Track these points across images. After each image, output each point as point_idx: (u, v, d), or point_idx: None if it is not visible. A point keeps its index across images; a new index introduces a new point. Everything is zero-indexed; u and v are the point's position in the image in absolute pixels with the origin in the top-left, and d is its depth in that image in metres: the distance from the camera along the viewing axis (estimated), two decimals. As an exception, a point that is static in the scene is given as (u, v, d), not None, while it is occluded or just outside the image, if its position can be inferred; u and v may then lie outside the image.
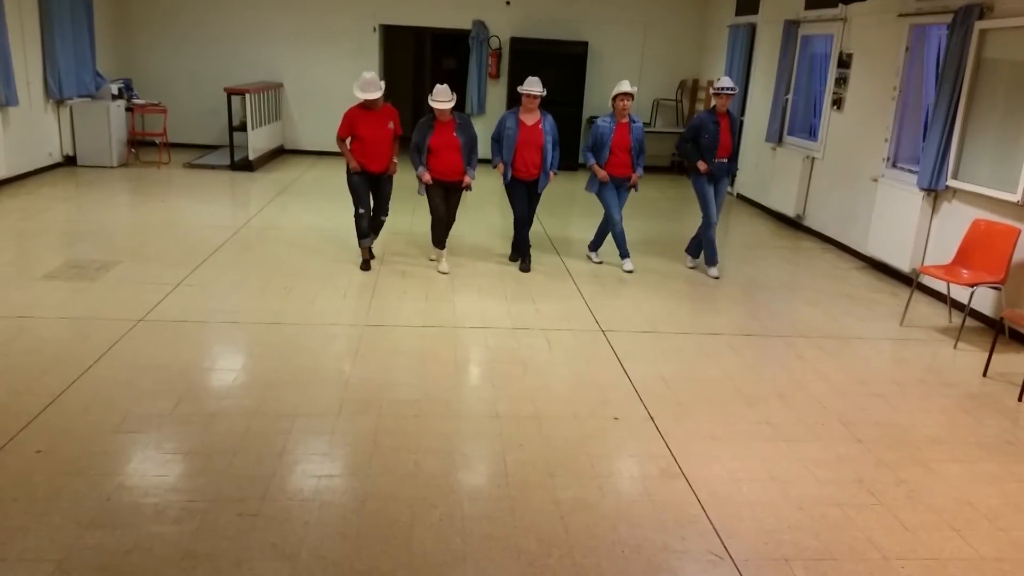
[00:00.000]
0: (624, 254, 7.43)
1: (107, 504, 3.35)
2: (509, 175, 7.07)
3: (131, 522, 3.23)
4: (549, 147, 7.04)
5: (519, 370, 5.02)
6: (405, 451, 3.92)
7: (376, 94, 6.60)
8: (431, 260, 7.29)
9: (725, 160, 7.27)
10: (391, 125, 6.83)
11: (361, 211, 6.92)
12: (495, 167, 7.11)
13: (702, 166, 7.19)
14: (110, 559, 3.01)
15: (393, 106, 7.05)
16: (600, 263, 7.52)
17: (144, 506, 3.35)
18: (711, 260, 7.42)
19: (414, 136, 6.87)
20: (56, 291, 5.96)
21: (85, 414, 4.11)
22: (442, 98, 6.66)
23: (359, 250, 7.08)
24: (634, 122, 7.20)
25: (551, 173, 7.13)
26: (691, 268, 7.56)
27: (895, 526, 3.53)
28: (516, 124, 6.97)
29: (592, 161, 7.19)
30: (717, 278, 7.32)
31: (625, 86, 7.05)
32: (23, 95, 9.59)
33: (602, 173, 7.15)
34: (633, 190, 7.43)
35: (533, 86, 6.94)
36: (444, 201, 6.99)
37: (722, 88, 7.12)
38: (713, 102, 7.26)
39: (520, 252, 7.35)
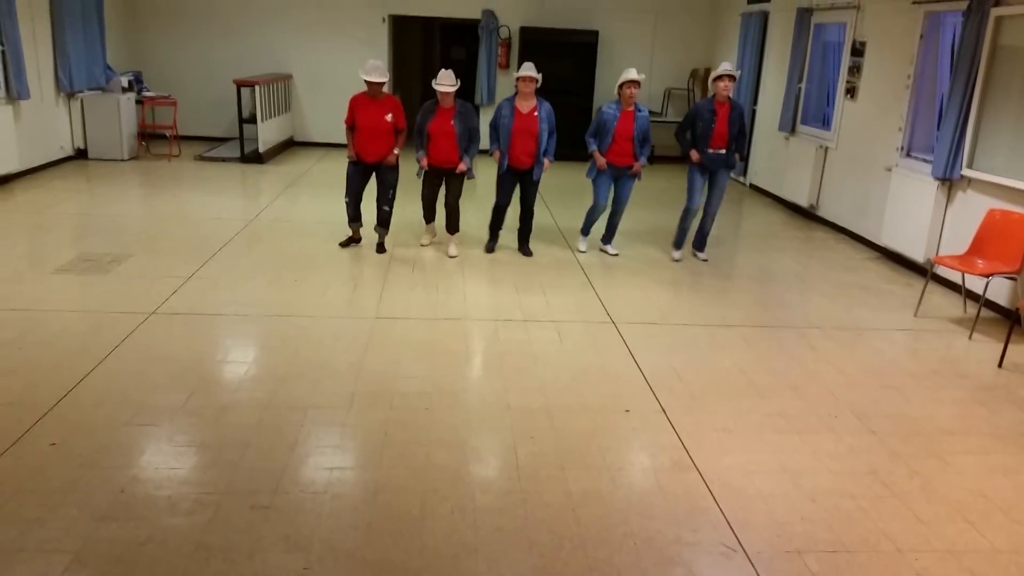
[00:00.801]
0: (586, 233, 7.61)
1: (121, 496, 3.37)
2: (505, 164, 7.06)
3: (145, 514, 3.25)
4: (545, 135, 6.99)
5: (530, 362, 5.01)
6: (416, 443, 3.92)
7: (379, 77, 6.65)
8: (423, 246, 7.49)
9: (722, 151, 7.12)
10: (389, 117, 6.85)
11: (348, 198, 7.10)
12: (492, 155, 7.10)
13: (694, 156, 7.12)
14: (125, 550, 3.03)
15: (397, 98, 7.07)
16: (617, 255, 7.49)
17: (157, 498, 3.37)
18: (700, 245, 7.54)
19: (417, 119, 6.95)
20: (69, 284, 5.99)
21: (99, 407, 4.13)
22: (445, 82, 6.72)
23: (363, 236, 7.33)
24: (640, 111, 7.13)
25: (546, 161, 7.09)
26: (677, 260, 7.47)
27: (909, 518, 3.51)
28: (511, 112, 6.94)
29: (593, 147, 7.14)
30: (677, 261, 7.41)
31: (632, 74, 6.98)
32: (34, 89, 9.62)
33: (601, 161, 7.10)
34: (636, 179, 7.37)
35: (528, 70, 6.91)
36: (435, 186, 7.21)
37: (722, 72, 6.97)
38: (712, 90, 7.16)
39: (490, 231, 7.53)
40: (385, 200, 7.09)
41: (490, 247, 7.47)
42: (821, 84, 9.74)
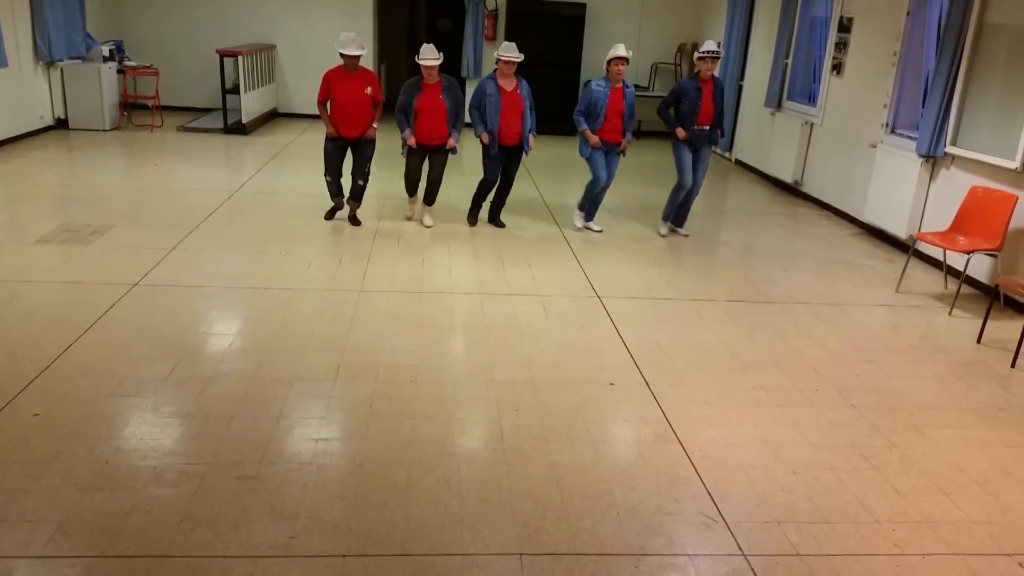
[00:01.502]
0: (584, 210, 7.54)
1: (105, 467, 3.37)
2: (496, 146, 7.01)
3: (130, 485, 3.26)
4: (527, 111, 7.02)
5: (515, 336, 5.03)
6: (402, 416, 3.94)
7: (356, 51, 6.59)
8: (407, 218, 7.44)
9: (707, 127, 7.18)
10: (368, 91, 6.79)
11: (329, 178, 7.05)
12: (479, 136, 7.02)
13: (680, 133, 7.14)
14: (109, 521, 3.03)
15: (373, 71, 7.01)
16: (600, 231, 7.50)
17: (142, 469, 3.37)
18: (679, 221, 7.57)
19: (400, 97, 6.85)
20: (50, 255, 5.94)
21: (82, 378, 4.12)
22: (429, 55, 6.66)
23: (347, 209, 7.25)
24: (627, 87, 7.13)
25: (531, 136, 7.10)
26: (663, 235, 7.49)
27: (887, 490, 3.57)
28: (498, 91, 6.91)
29: (584, 126, 7.10)
30: (664, 236, 7.45)
31: (620, 50, 6.95)
32: (12, 57, 9.45)
33: (594, 139, 7.08)
34: (622, 155, 7.37)
35: (511, 51, 6.85)
36: (420, 163, 7.13)
37: (706, 52, 7.02)
38: (697, 67, 7.17)
39: (471, 206, 7.50)
40: (361, 174, 7.04)
41: (472, 221, 7.46)
42: (808, 60, 9.73)
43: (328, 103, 6.82)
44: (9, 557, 2.82)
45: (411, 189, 7.37)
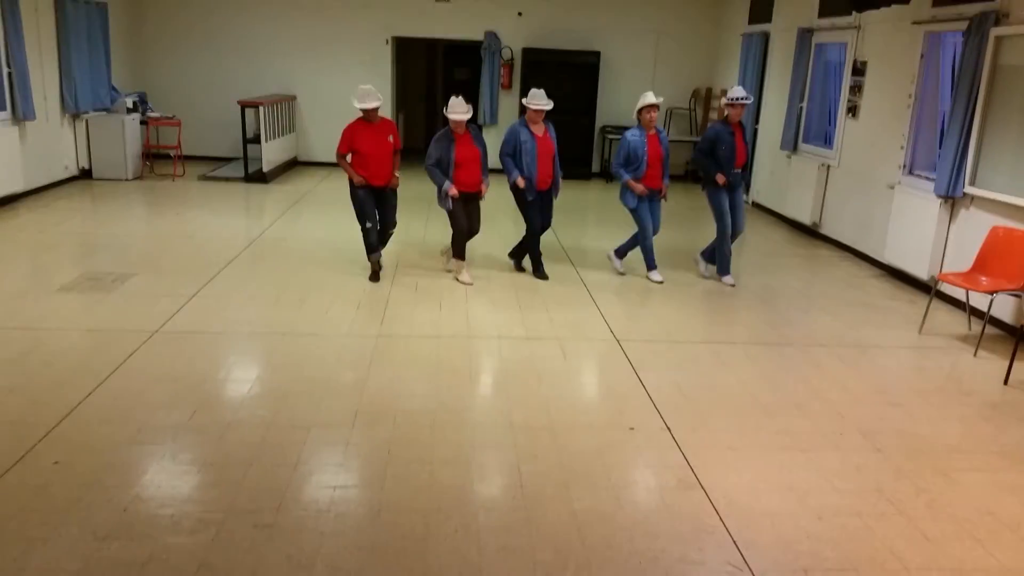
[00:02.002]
0: (652, 266, 7.41)
1: (124, 515, 3.35)
2: (535, 192, 7.03)
3: (147, 533, 3.24)
4: (556, 156, 7.10)
5: (533, 380, 5.00)
6: (419, 462, 3.91)
7: (375, 103, 6.66)
8: (448, 271, 7.27)
9: (739, 171, 7.26)
10: (391, 139, 6.87)
11: (368, 225, 6.95)
12: (514, 183, 7.00)
13: (721, 179, 7.14)
14: (127, 570, 3.01)
15: (392, 120, 7.08)
16: (624, 273, 7.49)
17: (160, 517, 3.35)
18: (724, 270, 7.40)
19: (432, 151, 6.84)
20: (72, 303, 6.00)
21: (101, 426, 4.12)
22: (459, 110, 6.70)
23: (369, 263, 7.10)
24: (660, 132, 7.21)
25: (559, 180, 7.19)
26: (705, 276, 7.50)
27: (916, 536, 3.49)
28: (532, 136, 6.96)
29: (626, 176, 7.09)
30: (733, 285, 7.30)
31: (651, 98, 7.00)
32: (40, 109, 9.69)
33: (640, 188, 7.07)
34: (663, 200, 7.38)
35: (540, 99, 6.93)
36: (467, 214, 7.02)
37: (736, 98, 7.09)
38: (726, 112, 7.22)
39: (532, 260, 7.35)
40: (392, 222, 7.11)
41: (542, 274, 7.28)
42: (822, 103, 9.78)
43: (349, 156, 6.87)
44: (25, 608, 2.80)
45: (461, 249, 7.05)
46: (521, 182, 6.98)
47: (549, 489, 3.72)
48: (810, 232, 9.65)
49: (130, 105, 11.20)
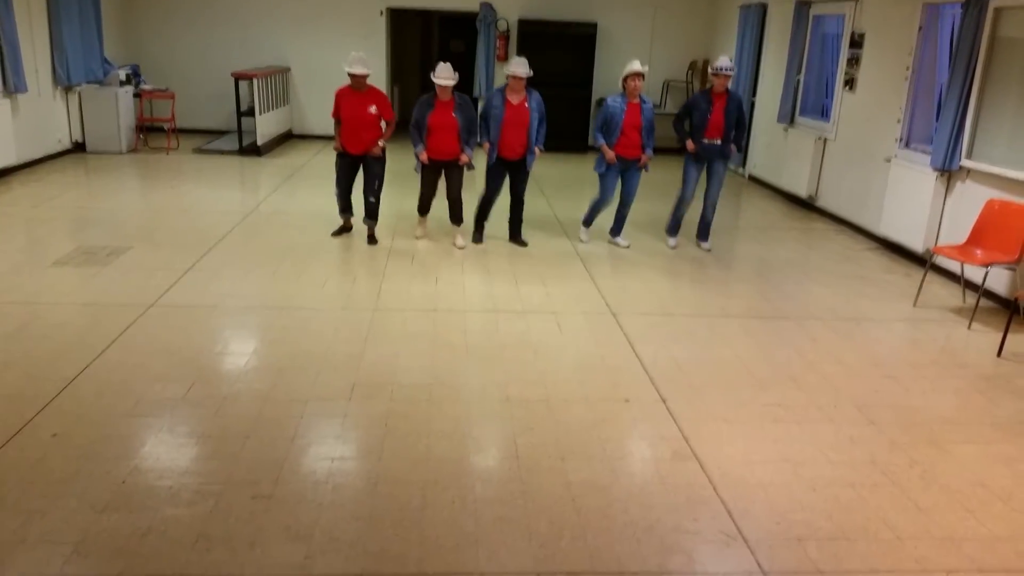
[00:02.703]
0: (588, 224, 7.63)
1: (122, 487, 3.37)
2: (495, 156, 7.05)
3: (146, 505, 3.26)
4: (535, 124, 7.03)
5: (529, 353, 5.01)
6: (416, 435, 3.93)
7: (362, 69, 6.71)
8: (416, 238, 7.45)
9: (717, 142, 7.20)
10: (373, 109, 6.86)
11: (338, 190, 7.22)
12: (481, 145, 7.10)
13: (689, 146, 7.22)
14: (126, 541, 3.03)
15: (380, 90, 7.12)
16: (628, 246, 7.52)
17: (158, 489, 3.37)
18: (671, 231, 7.64)
19: (414, 113, 6.94)
20: (67, 277, 5.99)
21: (99, 398, 4.13)
22: (444, 75, 6.73)
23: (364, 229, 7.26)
24: (644, 102, 7.16)
25: (537, 149, 7.13)
26: (673, 248, 7.58)
27: (908, 506, 3.52)
28: (502, 103, 6.94)
29: (602, 141, 7.17)
30: (674, 248, 7.54)
31: (636, 66, 7.00)
32: (31, 82, 9.59)
33: (610, 155, 7.13)
34: (644, 170, 7.38)
35: (519, 68, 6.88)
36: (435, 181, 7.17)
37: (719, 68, 7.10)
38: (710, 82, 7.22)
39: (508, 231, 7.49)
40: (371, 191, 7.10)
41: (477, 238, 7.47)
42: (820, 76, 9.73)
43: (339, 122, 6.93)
44: (26, 578, 2.83)
45: (423, 208, 7.38)
46: (486, 147, 7.05)
47: (545, 461, 3.75)
48: (806, 205, 9.64)
49: (123, 78, 11.09)
